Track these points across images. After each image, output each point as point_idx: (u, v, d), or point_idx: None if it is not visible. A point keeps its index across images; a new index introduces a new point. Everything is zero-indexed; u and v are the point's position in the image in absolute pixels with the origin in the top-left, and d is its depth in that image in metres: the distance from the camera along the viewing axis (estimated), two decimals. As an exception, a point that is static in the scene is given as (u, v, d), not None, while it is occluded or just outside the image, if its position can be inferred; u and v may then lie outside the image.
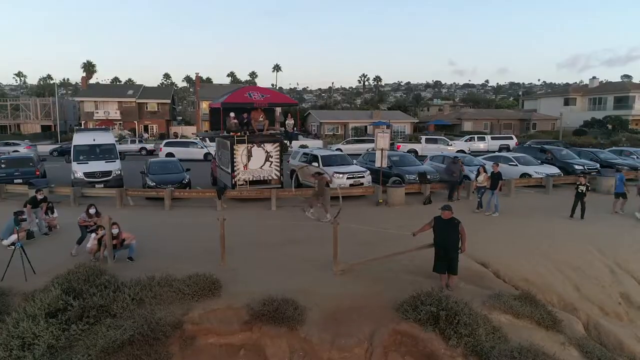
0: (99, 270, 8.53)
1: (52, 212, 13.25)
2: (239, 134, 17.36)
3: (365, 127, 58.92)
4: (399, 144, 38.95)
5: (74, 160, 19.34)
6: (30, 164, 20.80)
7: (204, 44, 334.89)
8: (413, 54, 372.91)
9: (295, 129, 19.34)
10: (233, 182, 17.40)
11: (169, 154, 31.87)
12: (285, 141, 18.58)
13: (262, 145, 17.63)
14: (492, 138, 40.21)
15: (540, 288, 10.51)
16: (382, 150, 17.24)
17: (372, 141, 43.92)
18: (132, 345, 6.93)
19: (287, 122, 18.34)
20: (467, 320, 7.35)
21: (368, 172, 18.48)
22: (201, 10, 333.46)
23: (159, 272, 9.12)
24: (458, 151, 32.86)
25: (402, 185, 16.88)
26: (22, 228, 12.06)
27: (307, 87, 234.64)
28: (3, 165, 20.36)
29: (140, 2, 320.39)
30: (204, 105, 55.38)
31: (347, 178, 17.78)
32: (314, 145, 43.44)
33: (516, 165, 21.23)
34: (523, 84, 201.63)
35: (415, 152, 35.22)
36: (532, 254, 11.71)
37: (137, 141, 44.32)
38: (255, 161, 17.59)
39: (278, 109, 20.58)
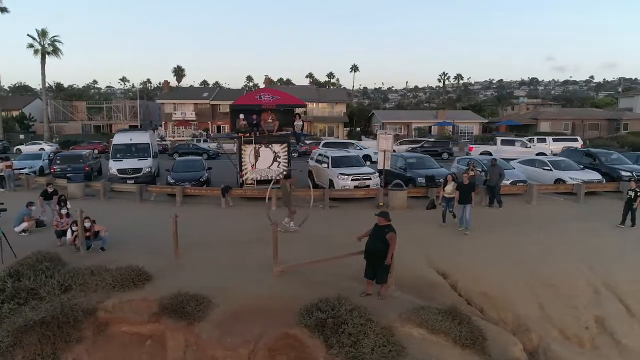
0: (47, 257, 9.50)
1: (65, 204, 14.78)
2: (247, 134, 17.97)
3: (430, 127, 57.11)
4: (471, 146, 36.16)
5: (111, 158, 21.36)
6: (81, 160, 23.30)
7: (287, 47, 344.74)
8: (506, 50, 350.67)
9: (303, 130, 19.50)
10: (241, 181, 18.06)
11: None
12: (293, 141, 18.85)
13: (270, 146, 18.08)
14: (554, 140, 36.55)
15: (497, 304, 9.77)
16: (384, 151, 16.80)
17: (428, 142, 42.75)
18: (42, 326, 7.70)
19: (295, 123, 18.59)
20: (353, 330, 7.11)
21: (376, 174, 18.10)
22: (283, 12, 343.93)
23: (116, 262, 9.97)
24: (538, 154, 30.12)
25: (403, 189, 16.31)
26: (32, 217, 13.80)
27: (392, 87, 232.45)
28: (58, 162, 23.05)
29: (227, 6, 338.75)
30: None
31: (352, 180, 17.58)
32: (372, 146, 42.94)
33: (550, 170, 19.42)
34: (636, 79, 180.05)
35: (489, 154, 32.00)
36: (507, 268, 10.81)
37: (201, 140, 47.22)
38: (263, 161, 18.10)
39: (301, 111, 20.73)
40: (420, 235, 13.07)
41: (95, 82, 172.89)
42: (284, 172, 14.54)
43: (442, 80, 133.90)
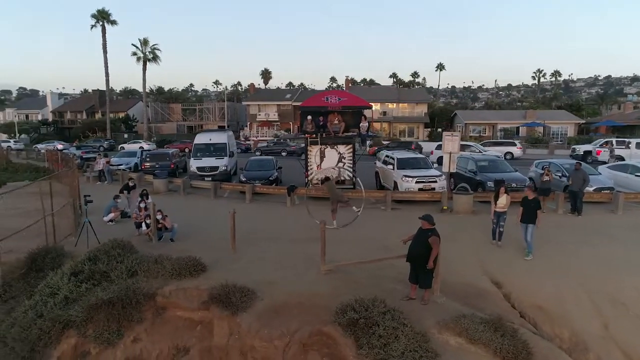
0: (121, 245, 10.60)
1: (147, 198, 16.30)
2: (314, 135, 18.43)
3: (517, 128, 53.68)
4: (599, 150, 31.89)
5: (192, 156, 23.08)
6: (167, 158, 25.45)
7: (371, 47, 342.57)
8: (615, 43, 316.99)
9: (369, 131, 19.49)
10: (306, 181, 18.57)
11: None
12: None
13: (335, 147, 18.38)
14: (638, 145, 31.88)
15: (554, 319, 9.09)
16: (450, 154, 16.28)
17: (512, 144, 40.32)
18: (110, 305, 8.69)
19: (361, 124, 18.65)
20: (383, 332, 7.13)
21: (443, 177, 17.60)
22: (368, 12, 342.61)
23: (181, 252, 10.92)
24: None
25: (468, 193, 15.69)
26: (118, 208, 15.44)
27: (483, 85, 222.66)
28: (148, 159, 25.40)
29: (314, 9, 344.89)
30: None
31: (416, 182, 17.28)
32: (495, 151, 40.55)
33: (644, 176, 17.50)
34: None
35: (621, 158, 28.98)
36: (570, 281, 10.02)
37: (281, 140, 48.95)
38: (328, 162, 18.43)
39: (368, 112, 20.74)
40: (479, 241, 12.56)
41: (191, 85, 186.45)
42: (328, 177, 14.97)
43: (536, 78, 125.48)
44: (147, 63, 55.77)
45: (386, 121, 61.77)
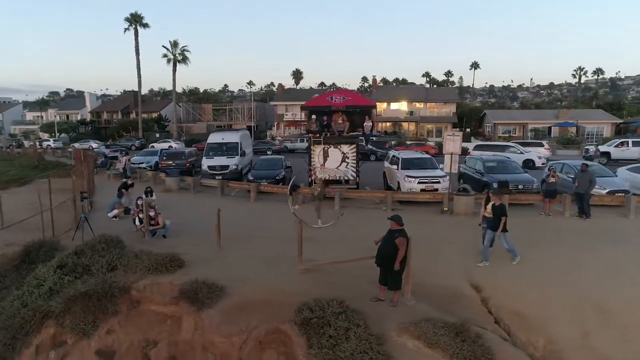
0: (108, 240, 10.98)
1: (151, 195, 16.75)
2: (317, 135, 18.44)
3: (549, 128, 51.68)
4: None
5: (204, 155, 23.56)
6: (183, 157, 26.10)
7: (404, 46, 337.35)
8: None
9: (372, 130, 19.32)
10: (310, 180, 18.61)
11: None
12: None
13: (339, 147, 18.32)
14: None
15: (530, 325, 8.73)
16: (451, 154, 15.89)
17: (539, 144, 38.88)
18: (86, 298, 9.02)
19: (365, 124, 18.50)
20: (334, 332, 7.08)
21: (447, 177, 17.22)
22: (400, 11, 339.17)
23: (171, 248, 11.22)
24: None
25: (469, 194, 15.29)
26: (122, 205, 15.98)
27: (523, 84, 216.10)
28: (164, 158, 26.13)
29: (347, 8, 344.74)
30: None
31: (419, 182, 16.98)
32: (534, 150, 39.16)
33: (665, 178, 16.52)
34: None
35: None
36: (557, 287, 9.63)
37: (304, 140, 49.20)
38: (332, 161, 18.39)
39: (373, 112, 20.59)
40: (471, 244, 12.18)
41: (226, 86, 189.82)
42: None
43: (577, 76, 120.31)
44: (178, 64, 57.27)
45: (413, 121, 60.91)
